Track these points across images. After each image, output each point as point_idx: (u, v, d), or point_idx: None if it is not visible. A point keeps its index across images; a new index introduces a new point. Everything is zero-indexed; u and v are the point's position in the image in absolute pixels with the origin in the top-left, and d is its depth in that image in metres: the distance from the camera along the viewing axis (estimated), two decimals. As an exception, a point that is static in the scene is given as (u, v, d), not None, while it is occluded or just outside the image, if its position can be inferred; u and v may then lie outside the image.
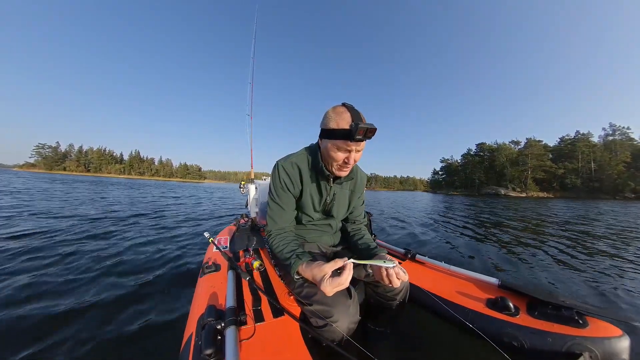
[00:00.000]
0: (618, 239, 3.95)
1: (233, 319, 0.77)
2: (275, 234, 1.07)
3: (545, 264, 2.55)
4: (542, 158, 63.05)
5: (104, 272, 1.89)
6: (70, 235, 2.89)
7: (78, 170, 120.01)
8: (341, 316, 0.83)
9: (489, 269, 2.38)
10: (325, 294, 0.78)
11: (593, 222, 6.14)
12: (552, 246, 3.35)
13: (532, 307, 1.03)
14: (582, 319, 0.91)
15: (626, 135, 58.63)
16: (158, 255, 2.34)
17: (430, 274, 1.38)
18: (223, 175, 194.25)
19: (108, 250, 2.41)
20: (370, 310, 1.17)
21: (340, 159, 0.94)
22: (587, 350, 0.82)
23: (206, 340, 0.69)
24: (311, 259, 0.92)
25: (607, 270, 2.38)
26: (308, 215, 1.15)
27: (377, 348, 1.06)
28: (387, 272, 0.85)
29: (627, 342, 0.83)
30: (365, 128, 0.82)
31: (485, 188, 67.21)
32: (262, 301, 0.94)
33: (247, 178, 2.64)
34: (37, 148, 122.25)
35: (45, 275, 1.77)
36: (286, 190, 1.06)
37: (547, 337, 0.89)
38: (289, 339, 0.79)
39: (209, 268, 1.19)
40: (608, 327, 0.88)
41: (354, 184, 1.22)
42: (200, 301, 0.95)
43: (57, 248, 2.39)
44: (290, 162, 1.06)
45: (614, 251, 3.16)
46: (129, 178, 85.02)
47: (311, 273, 0.84)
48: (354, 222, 1.31)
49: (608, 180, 52.28)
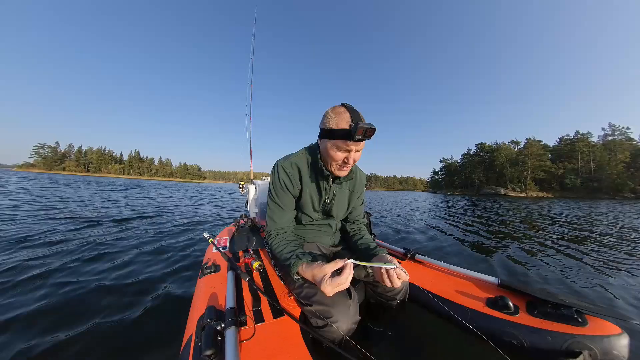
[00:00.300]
0: (617, 239, 3.96)
1: (233, 319, 0.77)
2: (275, 234, 1.07)
3: (544, 263, 2.56)
4: (542, 158, 63.12)
5: (102, 273, 1.89)
6: (67, 236, 2.88)
7: (77, 170, 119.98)
8: (341, 316, 0.83)
9: (489, 268, 2.38)
10: (326, 294, 0.79)
11: (592, 222, 6.15)
12: (551, 245, 3.35)
13: (531, 306, 1.03)
14: (582, 318, 0.91)
15: (625, 135, 58.82)
16: (157, 256, 2.33)
17: (430, 274, 1.38)
18: (222, 175, 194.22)
19: (106, 251, 2.40)
20: (370, 310, 1.17)
21: (339, 158, 0.94)
22: (587, 349, 0.82)
23: (206, 341, 0.69)
24: (311, 260, 0.92)
25: (605, 268, 2.38)
26: (308, 215, 1.15)
27: (377, 348, 1.05)
28: (388, 272, 0.85)
29: (627, 340, 0.83)
30: (364, 128, 0.83)
31: (485, 188, 67.25)
32: (262, 302, 0.94)
33: (246, 178, 2.64)
34: (37, 148, 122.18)
35: (46, 277, 1.77)
36: (286, 191, 1.06)
37: (546, 336, 0.89)
38: (289, 339, 0.79)
39: (208, 269, 1.19)
40: (607, 326, 0.88)
41: (353, 184, 1.22)
42: (200, 302, 0.95)
43: (52, 248, 2.39)
44: (290, 162, 1.06)
45: (613, 251, 3.17)
46: (128, 178, 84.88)
47: (312, 273, 0.84)
48: (354, 222, 1.31)
49: (607, 180, 52.31)
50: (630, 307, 1.65)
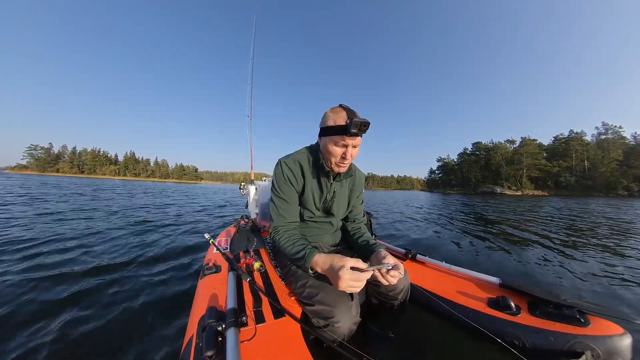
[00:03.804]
0: (613, 235, 4.01)
1: (234, 320, 0.76)
2: (283, 229, 1.08)
3: (545, 261, 2.57)
4: (537, 157, 63.87)
5: (101, 273, 1.87)
6: (68, 238, 2.84)
7: (72, 171, 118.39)
8: (342, 317, 0.84)
9: (490, 268, 2.38)
10: (340, 281, 0.78)
11: (589, 218, 6.22)
12: (551, 244, 3.38)
13: (533, 306, 1.03)
14: (584, 318, 0.91)
15: (618, 134, 59.70)
16: (158, 257, 2.32)
17: (431, 274, 1.38)
18: (220, 176, 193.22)
19: (107, 252, 2.38)
20: (371, 311, 1.17)
21: (338, 154, 1.00)
22: (589, 349, 0.82)
23: (207, 341, 0.69)
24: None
25: (604, 266, 2.41)
26: (309, 211, 1.17)
27: (378, 349, 1.06)
28: (381, 271, 0.87)
29: (629, 341, 0.83)
30: (359, 122, 0.89)
31: (481, 187, 67.82)
32: (262, 302, 0.94)
33: (245, 178, 2.63)
34: (29, 149, 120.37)
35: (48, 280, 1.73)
36: (289, 185, 1.09)
37: (548, 336, 0.89)
38: (290, 339, 0.79)
39: (209, 269, 1.18)
40: (610, 326, 0.88)
41: (352, 183, 1.25)
42: (201, 303, 0.95)
43: (51, 249, 2.35)
44: (293, 159, 1.10)
45: (610, 248, 3.20)
46: (124, 179, 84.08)
47: (330, 260, 0.85)
48: (354, 221, 1.33)
49: (601, 178, 53.07)
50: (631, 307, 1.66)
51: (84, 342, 1.16)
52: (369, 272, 0.82)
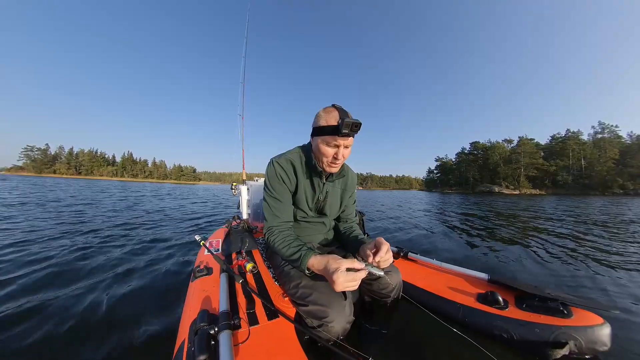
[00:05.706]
0: (606, 232, 4.05)
1: (227, 323, 0.75)
2: (277, 230, 1.06)
3: (532, 257, 2.61)
4: (534, 156, 64.30)
5: (92, 277, 1.84)
6: (60, 241, 2.84)
7: (69, 173, 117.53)
8: (336, 316, 0.84)
9: (479, 264, 2.42)
10: (335, 285, 0.80)
11: (584, 217, 6.28)
12: (539, 241, 3.42)
13: (520, 300, 1.06)
14: (567, 310, 0.95)
15: (614, 133, 60.13)
16: (147, 260, 2.25)
17: (423, 271, 1.41)
18: (218, 176, 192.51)
19: (96, 255, 2.36)
20: (365, 309, 1.18)
21: (330, 154, 0.99)
22: (572, 339, 0.86)
23: (199, 346, 0.67)
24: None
25: (593, 262, 2.44)
26: (302, 211, 1.17)
27: (372, 346, 1.06)
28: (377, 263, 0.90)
29: (608, 330, 0.87)
30: (350, 122, 0.89)
31: (479, 186, 68.21)
32: (256, 304, 0.93)
33: (237, 179, 2.62)
34: (26, 150, 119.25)
35: (41, 283, 1.73)
36: (282, 184, 1.08)
37: (534, 328, 0.92)
38: (284, 340, 0.79)
39: (200, 272, 1.16)
40: (590, 316, 0.92)
41: (345, 183, 1.25)
42: (193, 306, 0.93)
43: (44, 253, 2.35)
44: (285, 159, 1.09)
45: (603, 247, 3.24)
46: (121, 180, 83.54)
47: (326, 262, 0.85)
48: (346, 221, 1.34)
49: (598, 177, 53.56)
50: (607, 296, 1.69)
51: (69, 345, 1.12)
52: (364, 271, 0.83)
